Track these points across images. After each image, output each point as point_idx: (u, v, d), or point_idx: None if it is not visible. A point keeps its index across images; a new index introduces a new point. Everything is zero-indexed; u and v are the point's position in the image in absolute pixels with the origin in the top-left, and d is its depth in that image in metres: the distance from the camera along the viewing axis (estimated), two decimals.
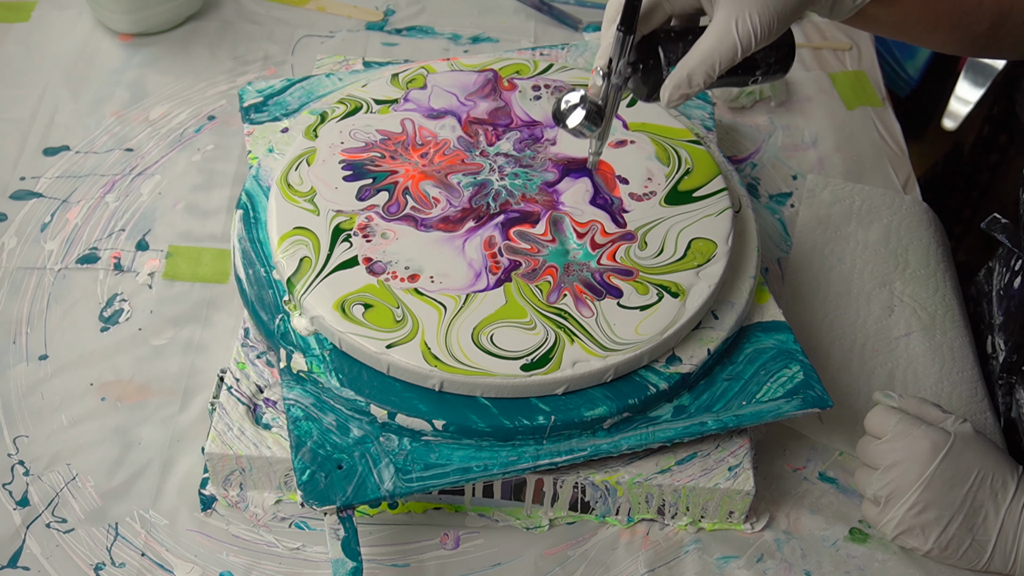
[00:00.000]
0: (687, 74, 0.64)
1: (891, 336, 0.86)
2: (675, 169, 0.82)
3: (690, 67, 0.63)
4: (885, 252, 0.93)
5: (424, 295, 0.71)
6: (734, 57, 0.63)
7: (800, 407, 0.72)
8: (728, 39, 0.62)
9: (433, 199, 0.78)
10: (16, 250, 0.89)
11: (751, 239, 0.80)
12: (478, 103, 0.86)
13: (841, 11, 0.67)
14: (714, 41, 0.63)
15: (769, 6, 0.62)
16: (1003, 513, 0.68)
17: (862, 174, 1.01)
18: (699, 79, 0.63)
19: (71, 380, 0.80)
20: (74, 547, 0.71)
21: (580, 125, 0.66)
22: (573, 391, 0.70)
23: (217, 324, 0.85)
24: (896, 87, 1.48)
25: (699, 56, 0.63)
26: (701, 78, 0.63)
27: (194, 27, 1.11)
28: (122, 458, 0.76)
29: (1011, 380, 0.80)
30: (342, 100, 0.85)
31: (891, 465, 0.70)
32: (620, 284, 0.73)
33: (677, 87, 0.64)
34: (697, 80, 0.64)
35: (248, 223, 0.78)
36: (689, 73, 0.64)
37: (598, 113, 0.66)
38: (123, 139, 0.99)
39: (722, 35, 0.62)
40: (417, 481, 0.67)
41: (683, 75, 0.64)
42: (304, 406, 0.70)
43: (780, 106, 1.07)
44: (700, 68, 0.63)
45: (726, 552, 0.73)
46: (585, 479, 0.71)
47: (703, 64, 0.63)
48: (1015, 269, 0.84)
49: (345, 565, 0.65)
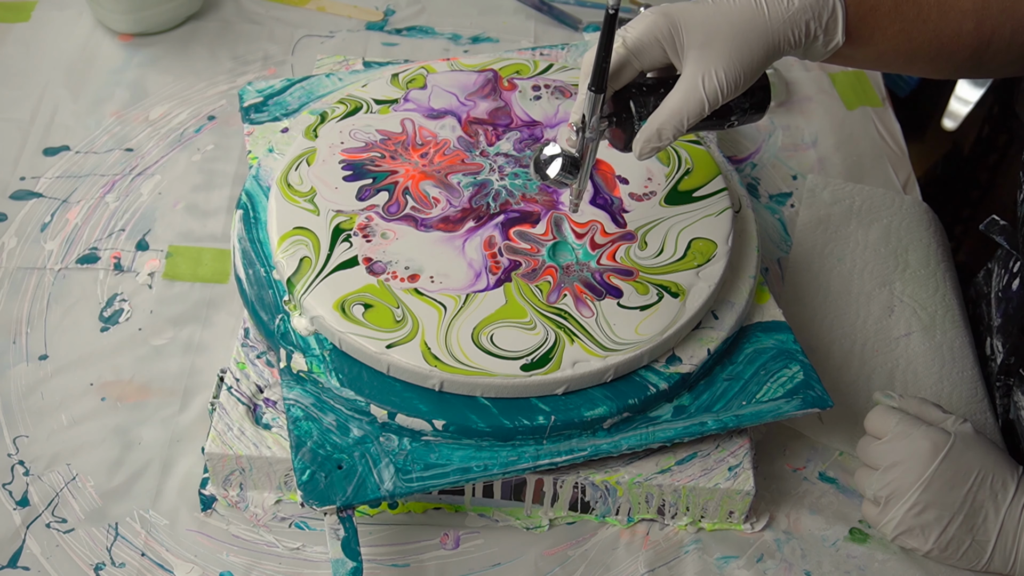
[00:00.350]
0: (657, 129, 0.65)
1: (891, 336, 0.86)
2: (675, 169, 0.82)
3: (660, 122, 0.65)
4: (885, 252, 0.93)
5: (424, 295, 0.71)
6: (701, 112, 0.65)
7: (800, 407, 0.72)
8: (695, 95, 0.64)
9: (433, 199, 0.78)
10: (16, 250, 0.89)
11: (751, 239, 0.80)
12: (478, 103, 0.86)
13: (814, 55, 0.68)
14: (682, 97, 0.64)
15: (735, 63, 0.64)
16: (1003, 513, 0.68)
17: (862, 174, 1.01)
18: (668, 133, 0.65)
19: (71, 380, 0.80)
20: (74, 547, 0.71)
21: (559, 176, 0.68)
22: (573, 391, 0.70)
23: (217, 324, 0.85)
24: (896, 87, 1.48)
25: (668, 112, 0.65)
26: (671, 132, 0.65)
27: (194, 27, 1.11)
28: (122, 458, 0.76)
29: (1008, 382, 0.80)
30: (342, 100, 0.85)
31: (891, 465, 0.70)
32: (620, 284, 0.73)
33: (648, 141, 0.66)
34: (667, 135, 0.65)
35: (248, 223, 0.78)
36: (659, 128, 0.65)
37: (574, 164, 0.68)
38: (123, 139, 0.99)
39: (689, 91, 0.64)
40: (417, 481, 0.67)
41: (653, 130, 0.66)
42: (304, 406, 0.70)
43: (780, 106, 1.07)
44: (669, 123, 0.65)
45: (726, 552, 0.73)
46: (585, 479, 0.71)
47: (672, 119, 0.65)
48: (1013, 271, 0.84)
49: (345, 565, 0.65)
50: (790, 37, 0.65)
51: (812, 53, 0.68)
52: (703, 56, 0.64)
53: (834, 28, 0.66)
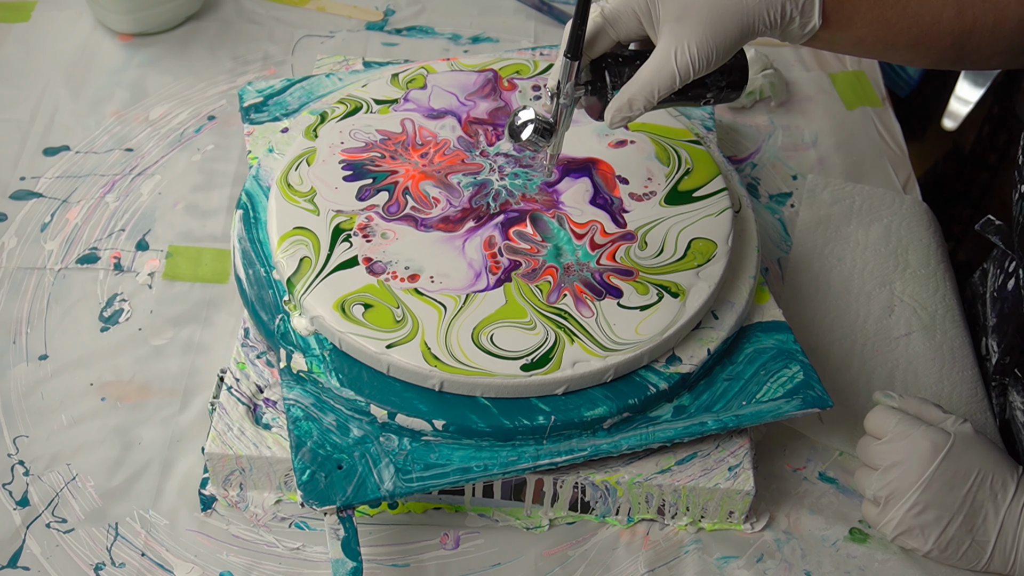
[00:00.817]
0: (628, 99, 0.66)
1: (891, 336, 0.86)
2: (675, 169, 0.82)
3: (631, 93, 0.66)
4: (885, 252, 0.93)
5: (424, 295, 0.71)
6: (672, 85, 0.65)
7: (800, 407, 0.72)
8: (667, 68, 0.65)
9: (433, 199, 0.78)
10: (16, 250, 0.89)
11: (751, 239, 0.80)
12: (478, 103, 0.86)
13: (791, 37, 0.68)
14: (654, 69, 0.65)
15: (708, 38, 0.64)
16: (1003, 513, 0.68)
17: (862, 174, 1.01)
18: (639, 104, 0.66)
19: (71, 380, 0.80)
20: (74, 547, 0.71)
21: (530, 138, 0.70)
22: (573, 391, 0.70)
23: (217, 324, 0.85)
24: (896, 87, 1.48)
25: (639, 83, 0.66)
26: (641, 103, 0.66)
27: (194, 27, 1.11)
28: (122, 458, 0.76)
29: (1004, 382, 0.80)
30: (342, 100, 0.85)
31: (891, 465, 0.70)
32: (620, 284, 0.73)
33: (619, 111, 0.67)
34: (637, 105, 0.66)
35: (248, 223, 0.78)
36: (630, 98, 0.66)
37: (546, 129, 0.70)
38: (123, 139, 0.99)
39: (661, 64, 0.65)
40: (417, 481, 0.67)
41: (624, 100, 0.66)
42: (304, 406, 0.70)
43: (780, 106, 1.07)
44: (640, 94, 0.66)
45: (726, 552, 0.73)
46: (585, 479, 0.71)
47: (643, 90, 0.66)
48: (1008, 271, 0.84)
49: (345, 565, 0.65)
50: (765, 17, 0.65)
51: (790, 35, 0.68)
52: (677, 29, 0.64)
53: (811, 10, 0.66)
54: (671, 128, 0.86)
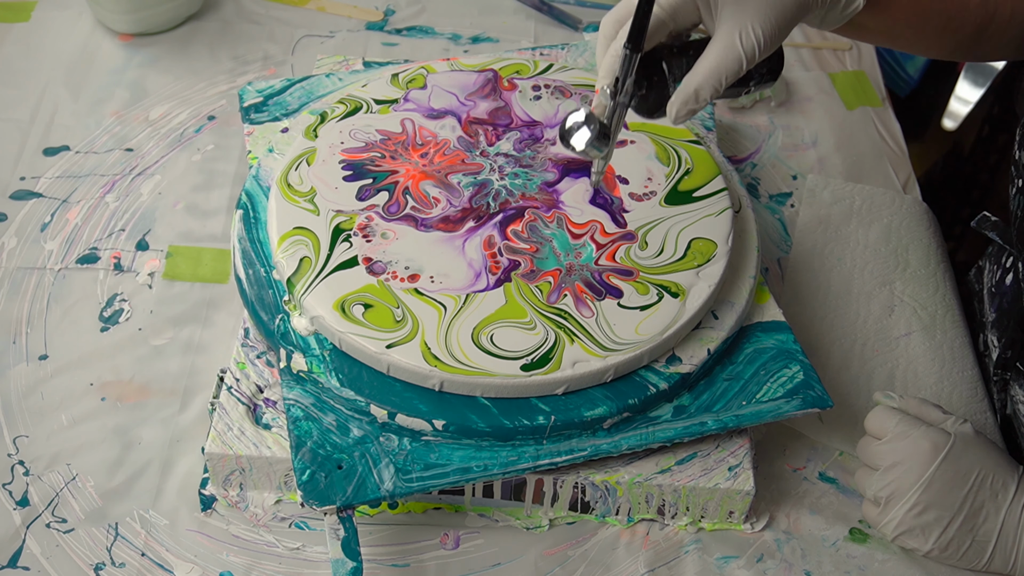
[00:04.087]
0: (694, 89, 0.64)
1: (891, 336, 0.86)
2: (675, 169, 0.82)
3: (697, 82, 0.64)
4: (885, 252, 0.93)
5: (424, 295, 0.71)
6: (739, 70, 0.63)
7: (800, 407, 0.72)
8: (733, 52, 0.63)
9: (433, 199, 0.78)
10: (16, 250, 0.89)
11: (751, 239, 0.80)
12: (478, 103, 0.86)
13: (832, 21, 0.68)
14: (719, 55, 0.63)
15: (770, 18, 0.63)
16: (1003, 514, 0.68)
17: (862, 174, 1.01)
18: (706, 93, 0.64)
19: (71, 380, 0.80)
20: (74, 547, 0.71)
21: (588, 146, 0.66)
22: (573, 391, 0.70)
23: (217, 324, 0.85)
24: (896, 87, 1.48)
25: (705, 71, 0.64)
26: (708, 92, 0.64)
27: (194, 27, 1.11)
28: (122, 458, 0.76)
29: (1005, 376, 0.81)
30: (342, 100, 0.85)
31: (891, 466, 0.70)
32: (620, 284, 0.73)
33: (685, 103, 0.65)
34: (704, 95, 0.64)
35: (248, 223, 0.78)
36: (696, 88, 0.64)
37: (604, 134, 0.66)
38: (123, 139, 0.99)
39: (726, 49, 0.63)
40: (417, 481, 0.67)
41: (690, 90, 0.64)
42: (304, 406, 0.70)
43: (780, 106, 1.07)
44: (707, 83, 0.64)
45: (726, 552, 0.73)
46: (585, 479, 0.71)
47: (710, 79, 0.64)
48: (1006, 266, 0.84)
49: (345, 565, 0.65)
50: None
51: (830, 18, 0.67)
52: (738, 12, 0.63)
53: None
54: (671, 128, 0.86)
